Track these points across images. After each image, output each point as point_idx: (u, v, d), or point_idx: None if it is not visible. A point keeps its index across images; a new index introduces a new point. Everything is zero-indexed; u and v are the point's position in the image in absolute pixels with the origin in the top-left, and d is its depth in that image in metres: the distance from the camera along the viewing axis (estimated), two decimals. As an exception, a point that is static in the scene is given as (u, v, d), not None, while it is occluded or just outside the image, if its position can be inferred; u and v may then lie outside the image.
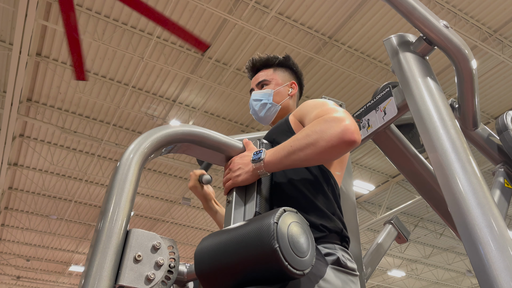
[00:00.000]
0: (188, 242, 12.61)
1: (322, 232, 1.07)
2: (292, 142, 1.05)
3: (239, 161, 1.13)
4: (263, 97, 1.45)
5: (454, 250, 12.65)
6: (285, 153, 1.06)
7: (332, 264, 1.03)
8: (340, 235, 1.11)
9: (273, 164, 1.07)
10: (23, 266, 14.37)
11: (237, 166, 1.12)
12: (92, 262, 0.82)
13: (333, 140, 1.00)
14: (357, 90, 7.34)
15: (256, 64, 1.53)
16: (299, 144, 1.04)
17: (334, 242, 1.08)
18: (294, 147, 1.04)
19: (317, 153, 1.01)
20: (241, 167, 1.11)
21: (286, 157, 1.05)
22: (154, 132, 1.05)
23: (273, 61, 1.51)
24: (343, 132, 1.00)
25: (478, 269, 0.97)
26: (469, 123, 1.63)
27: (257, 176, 1.10)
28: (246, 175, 1.10)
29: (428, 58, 1.41)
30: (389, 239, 1.91)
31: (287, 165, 1.06)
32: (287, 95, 1.47)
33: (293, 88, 1.49)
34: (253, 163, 1.09)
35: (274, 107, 1.45)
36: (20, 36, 5.60)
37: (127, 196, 0.92)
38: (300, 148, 1.03)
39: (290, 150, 1.05)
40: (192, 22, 6.23)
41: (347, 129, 1.00)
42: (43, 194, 10.28)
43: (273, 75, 1.49)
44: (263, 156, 1.08)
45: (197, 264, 0.92)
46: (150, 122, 8.04)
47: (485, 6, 5.92)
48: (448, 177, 1.11)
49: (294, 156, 1.04)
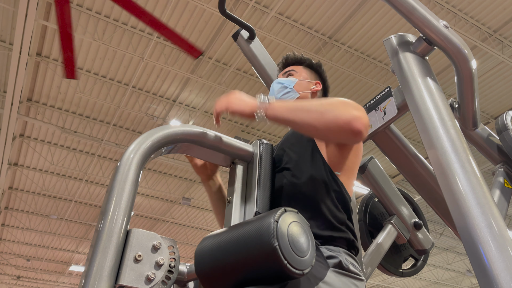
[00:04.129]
0: (188, 242, 12.61)
1: (326, 233, 1.07)
2: (302, 101, 1.05)
3: (244, 95, 1.12)
4: (286, 82, 1.45)
5: (454, 250, 12.65)
6: (291, 106, 1.05)
7: (333, 267, 1.01)
8: (346, 237, 1.10)
9: (276, 109, 1.06)
10: (23, 266, 14.36)
11: (239, 96, 1.12)
12: (92, 262, 0.83)
13: (341, 120, 0.99)
14: (357, 90, 7.34)
15: (288, 59, 1.54)
16: (308, 106, 1.03)
17: (339, 245, 1.07)
18: (302, 106, 1.04)
19: (319, 123, 1.01)
20: (244, 99, 1.11)
21: (290, 110, 1.05)
22: (154, 132, 1.05)
23: (305, 61, 1.53)
24: (355, 118, 0.99)
25: (478, 269, 0.97)
26: (469, 123, 1.63)
27: (253, 113, 1.08)
28: (244, 106, 1.09)
29: (428, 58, 1.41)
30: (389, 239, 1.91)
31: (286, 119, 1.05)
32: (309, 89, 1.47)
33: (317, 86, 1.48)
34: (259, 101, 1.09)
35: (293, 93, 1.43)
36: (20, 36, 5.59)
37: (127, 196, 0.92)
38: (307, 110, 1.02)
39: (297, 106, 1.04)
40: (192, 22, 6.23)
41: (360, 118, 0.99)
42: (43, 194, 10.28)
43: (302, 70, 1.50)
44: (271, 101, 1.08)
45: (197, 264, 0.92)
46: (150, 122, 8.04)
47: (485, 6, 5.91)
48: (448, 177, 1.11)
49: (298, 113, 1.03)
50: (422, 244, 2.01)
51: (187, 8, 6.02)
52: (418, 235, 1.98)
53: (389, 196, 1.93)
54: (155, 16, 3.25)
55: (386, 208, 1.99)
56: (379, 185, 1.91)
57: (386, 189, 1.92)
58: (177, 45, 3.32)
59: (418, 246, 2.02)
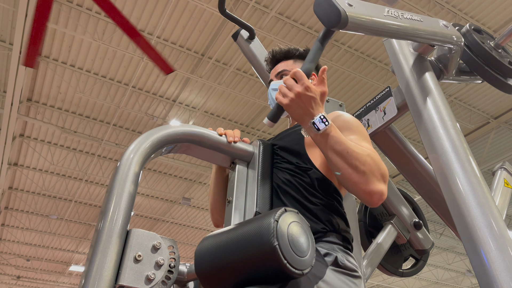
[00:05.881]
0: (188, 242, 12.61)
1: (322, 230, 1.07)
2: (351, 148, 1.01)
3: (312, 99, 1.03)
4: None
5: (454, 250, 12.64)
6: (338, 147, 1.02)
7: (331, 265, 1.02)
8: (340, 234, 1.10)
9: (323, 140, 1.02)
10: (23, 266, 14.36)
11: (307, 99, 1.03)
12: (92, 262, 0.83)
13: (367, 189, 1.00)
14: (357, 90, 7.34)
15: (276, 55, 1.47)
16: (352, 155, 1.01)
17: (334, 242, 1.08)
18: (348, 152, 1.01)
19: (348, 176, 1.01)
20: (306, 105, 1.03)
21: (334, 150, 1.02)
22: (154, 132, 1.05)
23: (294, 53, 1.45)
24: (379, 193, 1.01)
25: (478, 269, 0.97)
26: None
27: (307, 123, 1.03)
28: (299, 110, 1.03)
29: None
30: (389, 239, 1.91)
31: (326, 153, 1.03)
32: None
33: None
34: (312, 123, 1.03)
35: None
36: (20, 36, 5.59)
37: (127, 196, 0.92)
38: (349, 158, 1.01)
39: (343, 150, 1.01)
40: (192, 22, 6.23)
41: (382, 194, 1.01)
42: (43, 194, 10.28)
43: (293, 66, 1.42)
44: (326, 127, 1.02)
45: (197, 264, 0.92)
46: (150, 122, 8.04)
47: (485, 6, 5.91)
48: (448, 177, 1.11)
49: (340, 156, 1.01)
50: (422, 244, 2.01)
51: (187, 8, 6.02)
52: (418, 235, 1.98)
53: (389, 196, 1.93)
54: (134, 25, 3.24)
55: (386, 208, 1.99)
56: (379, 185, 1.90)
57: (386, 189, 1.92)
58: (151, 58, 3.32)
59: (418, 246, 2.02)
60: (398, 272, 2.03)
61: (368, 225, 2.01)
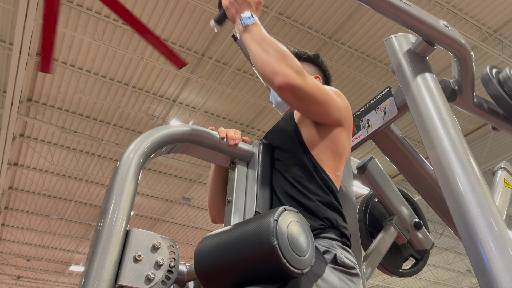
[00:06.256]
0: (188, 242, 12.61)
1: (320, 227, 1.07)
2: (270, 39, 1.15)
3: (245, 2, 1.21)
4: None
5: (454, 250, 12.65)
6: (257, 37, 1.16)
7: (330, 263, 1.02)
8: (339, 230, 1.10)
9: (248, 35, 1.17)
10: (23, 266, 14.37)
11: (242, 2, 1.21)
12: (92, 262, 0.83)
13: (273, 68, 1.08)
14: (357, 90, 7.34)
15: None
16: (267, 43, 1.14)
17: (332, 238, 1.08)
18: (264, 40, 1.14)
19: (259, 58, 1.12)
20: (240, 7, 1.20)
21: (254, 39, 1.15)
22: (154, 132, 1.05)
23: (301, 55, 1.49)
24: (284, 75, 1.07)
25: (478, 269, 0.97)
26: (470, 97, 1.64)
27: (235, 19, 1.20)
28: (233, 10, 1.21)
29: (428, 58, 1.42)
30: (389, 239, 1.91)
31: (249, 46, 1.16)
32: None
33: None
34: (246, 18, 1.19)
35: None
36: (20, 36, 5.59)
37: (127, 196, 0.92)
38: (263, 44, 1.13)
39: (261, 39, 1.15)
40: (192, 22, 6.23)
41: (288, 77, 1.07)
42: (43, 194, 10.28)
43: None
44: (251, 24, 1.18)
45: (197, 264, 0.92)
46: (150, 122, 8.04)
47: (485, 6, 5.91)
48: (448, 177, 1.11)
49: (257, 43, 1.15)
50: (422, 244, 2.01)
51: (187, 8, 6.02)
52: (418, 235, 1.98)
53: (389, 196, 1.93)
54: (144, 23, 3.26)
55: (386, 208, 1.99)
56: (379, 185, 1.91)
57: (386, 189, 1.92)
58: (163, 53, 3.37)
59: (418, 246, 2.02)
60: (398, 272, 2.03)
61: (368, 225, 2.01)
